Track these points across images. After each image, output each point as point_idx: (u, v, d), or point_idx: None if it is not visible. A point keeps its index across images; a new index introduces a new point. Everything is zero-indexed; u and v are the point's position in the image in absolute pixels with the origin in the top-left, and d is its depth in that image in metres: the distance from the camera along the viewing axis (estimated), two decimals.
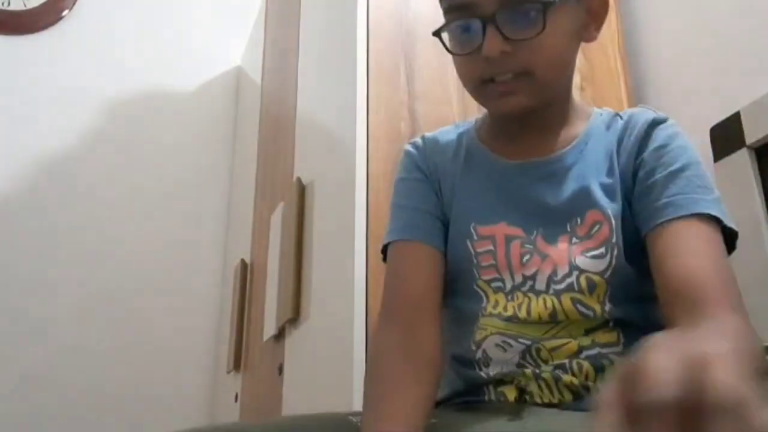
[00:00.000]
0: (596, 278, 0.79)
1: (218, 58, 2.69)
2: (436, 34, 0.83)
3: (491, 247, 0.83)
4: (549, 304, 0.79)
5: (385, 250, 0.90)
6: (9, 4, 2.51)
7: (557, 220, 0.82)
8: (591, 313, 0.78)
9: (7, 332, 2.24)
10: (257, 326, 1.87)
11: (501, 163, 0.87)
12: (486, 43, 0.77)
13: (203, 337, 2.42)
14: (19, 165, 2.39)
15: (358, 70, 1.39)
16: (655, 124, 0.84)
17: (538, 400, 0.77)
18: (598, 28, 0.85)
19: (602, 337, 0.78)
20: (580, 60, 1.56)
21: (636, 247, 0.79)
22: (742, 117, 1.27)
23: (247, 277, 2.11)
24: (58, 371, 2.23)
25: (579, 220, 0.81)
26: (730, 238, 0.78)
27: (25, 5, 2.52)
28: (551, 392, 0.77)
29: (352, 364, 1.20)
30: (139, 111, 2.56)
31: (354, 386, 1.16)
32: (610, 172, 0.82)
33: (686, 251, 0.73)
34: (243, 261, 2.16)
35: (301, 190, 1.63)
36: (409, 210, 0.89)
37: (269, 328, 1.71)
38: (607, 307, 0.78)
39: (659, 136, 0.82)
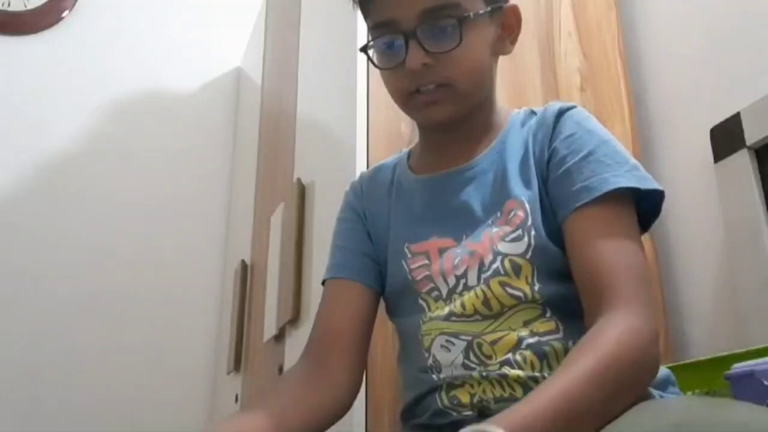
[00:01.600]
0: (519, 260, 0.82)
1: (218, 59, 2.69)
2: (363, 50, 0.88)
3: (426, 261, 0.88)
4: (480, 293, 0.82)
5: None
6: (9, 4, 2.51)
7: (479, 220, 0.86)
8: (521, 294, 0.81)
9: (7, 332, 2.24)
10: (257, 327, 1.87)
11: (422, 180, 0.92)
12: (409, 57, 0.82)
13: (203, 338, 2.42)
14: (20, 165, 2.39)
15: (358, 70, 1.39)
16: (561, 112, 0.87)
17: (490, 396, 0.80)
18: (513, 41, 0.91)
19: (540, 326, 0.80)
20: (580, 61, 1.57)
21: (559, 231, 0.83)
22: (742, 118, 1.28)
23: (247, 278, 2.11)
24: (58, 372, 2.23)
25: (499, 214, 0.85)
26: (657, 201, 0.83)
27: (25, 5, 2.52)
28: (502, 388, 0.79)
29: None
30: (139, 112, 2.56)
31: None
32: (524, 164, 0.86)
33: (593, 240, 0.78)
34: (243, 262, 2.16)
35: (302, 191, 1.63)
36: (341, 249, 0.97)
37: (269, 329, 1.71)
38: (536, 287, 0.81)
39: (566, 123, 0.86)
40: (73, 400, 2.22)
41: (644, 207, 0.82)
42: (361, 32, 1.43)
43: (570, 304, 0.80)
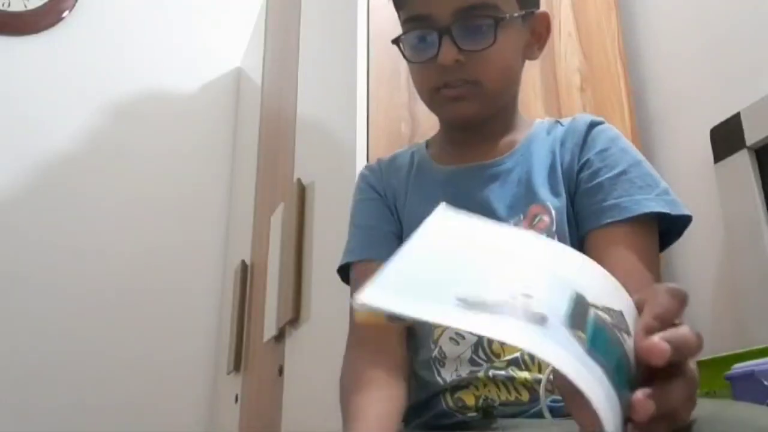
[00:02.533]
0: None
1: (218, 59, 2.69)
2: (395, 42, 0.88)
3: None
4: None
5: (342, 270, 0.95)
6: (9, 4, 2.51)
7: (502, 219, 0.85)
8: None
9: (7, 333, 2.24)
10: (257, 327, 1.87)
11: (446, 170, 0.92)
12: (441, 52, 0.83)
13: (203, 338, 2.42)
14: (20, 165, 2.39)
15: (359, 71, 1.39)
16: (593, 125, 0.89)
17: (496, 398, 0.79)
18: (541, 48, 0.92)
19: None
20: (580, 61, 1.57)
21: (580, 242, 0.83)
22: (743, 118, 1.28)
23: (247, 278, 2.11)
24: (58, 372, 2.23)
25: (522, 216, 0.85)
26: (682, 223, 0.83)
27: (25, 6, 2.52)
28: (508, 392, 0.79)
29: None
30: (139, 112, 2.56)
31: None
32: (552, 172, 0.87)
33: (618, 255, 0.78)
34: (243, 262, 2.16)
35: (302, 191, 1.63)
36: (367, 230, 0.94)
37: (269, 329, 1.71)
38: None
39: (600, 137, 0.87)
40: (73, 401, 2.22)
41: (667, 226, 0.83)
42: (362, 33, 1.43)
43: None
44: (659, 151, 1.57)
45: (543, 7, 1.62)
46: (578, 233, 0.83)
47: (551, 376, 0.71)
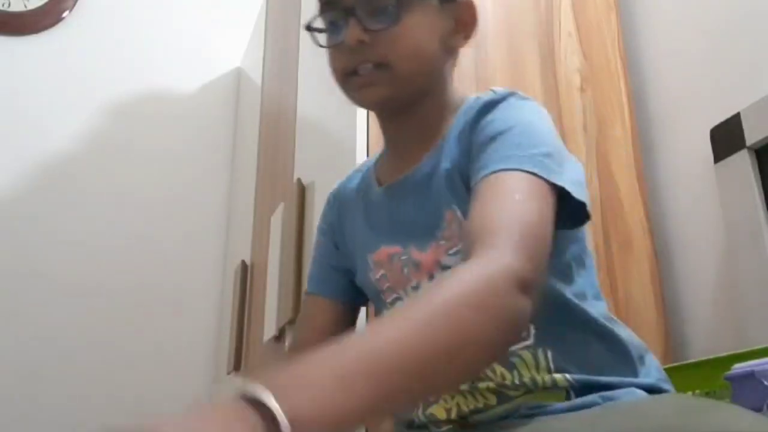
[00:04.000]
0: None
1: (218, 59, 2.69)
2: (307, 28, 0.89)
3: (384, 271, 0.87)
4: None
5: None
6: (9, 4, 2.51)
7: (426, 231, 0.83)
8: None
9: (6, 333, 2.24)
10: (257, 327, 1.87)
11: (382, 190, 0.91)
12: (346, 33, 0.82)
13: (203, 338, 2.42)
14: (20, 165, 2.39)
15: None
16: (491, 103, 0.82)
17: (465, 408, 0.78)
18: (467, 36, 0.88)
19: None
20: (580, 61, 1.57)
21: None
22: (743, 118, 1.28)
23: (247, 278, 2.11)
24: (58, 372, 2.23)
25: (444, 224, 0.82)
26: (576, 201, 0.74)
27: (25, 6, 2.52)
28: (475, 399, 0.78)
29: None
30: (138, 112, 2.56)
31: None
32: (455, 167, 0.81)
33: (481, 202, 0.70)
34: (243, 262, 2.16)
35: (302, 191, 1.63)
36: (317, 263, 0.99)
37: (269, 329, 1.71)
38: None
39: (489, 115, 0.81)
40: (73, 400, 2.22)
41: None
42: None
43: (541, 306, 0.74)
44: (659, 152, 1.57)
45: (543, 8, 1.63)
46: None
47: None
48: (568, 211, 0.74)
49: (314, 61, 1.75)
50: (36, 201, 2.37)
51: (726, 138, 1.31)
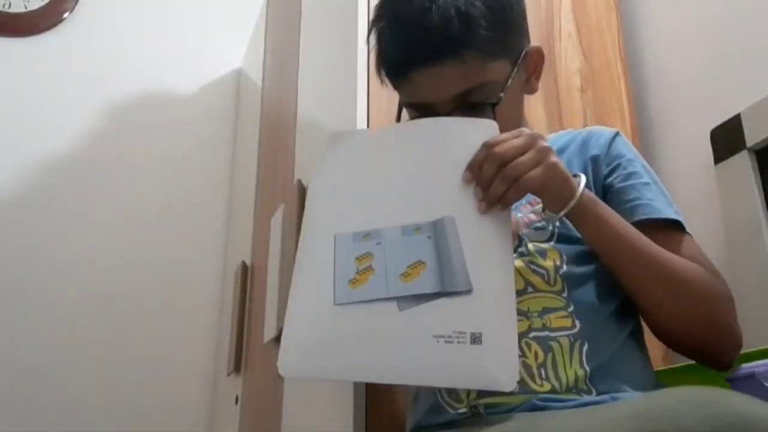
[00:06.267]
0: (544, 245, 0.88)
1: (219, 60, 2.69)
2: (401, 107, 0.93)
3: None
4: None
5: None
6: (10, 5, 2.51)
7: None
8: (544, 272, 0.85)
9: (6, 333, 2.24)
10: (258, 328, 1.87)
11: None
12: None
13: (203, 339, 2.42)
14: (19, 166, 2.39)
15: (359, 72, 1.39)
16: (615, 136, 0.99)
17: (482, 401, 0.80)
18: (538, 77, 0.96)
19: (556, 321, 0.82)
20: (580, 62, 1.57)
21: None
22: (743, 119, 1.28)
23: (247, 279, 2.11)
24: (57, 373, 2.23)
25: (523, 201, 0.90)
26: None
27: (25, 7, 2.52)
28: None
29: None
30: (139, 113, 2.56)
31: (354, 387, 1.16)
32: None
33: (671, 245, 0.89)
34: (243, 263, 2.16)
35: (302, 192, 1.63)
36: None
37: (270, 330, 1.71)
38: (562, 269, 0.86)
39: (625, 147, 0.98)
40: (73, 402, 2.22)
41: None
42: (362, 34, 1.43)
43: (594, 303, 0.83)
44: (659, 152, 1.57)
45: (543, 8, 1.63)
46: None
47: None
48: None
49: (314, 61, 1.75)
50: (36, 201, 2.37)
51: (726, 139, 1.31)
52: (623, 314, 0.87)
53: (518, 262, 0.84)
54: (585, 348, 0.80)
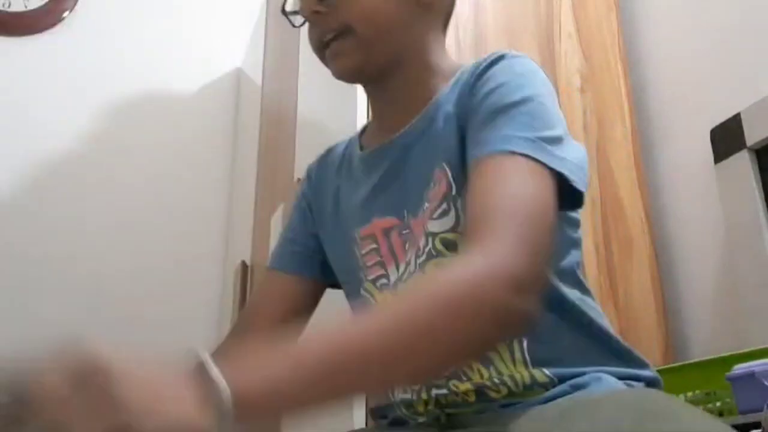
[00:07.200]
0: (450, 236, 0.73)
1: (219, 59, 2.69)
2: (282, 11, 0.88)
3: (374, 245, 0.82)
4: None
5: None
6: (10, 5, 2.51)
7: (417, 194, 0.78)
8: None
9: (6, 334, 2.23)
10: None
11: (366, 156, 0.86)
12: (301, 5, 0.81)
13: (203, 339, 2.42)
14: (19, 166, 2.39)
15: None
16: (499, 58, 0.77)
17: (443, 402, 0.75)
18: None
19: None
20: (580, 62, 1.57)
21: None
22: (743, 119, 1.28)
23: (247, 279, 2.11)
24: None
25: (432, 185, 0.76)
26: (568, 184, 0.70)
27: (25, 6, 2.52)
28: (456, 396, 0.75)
29: None
30: (139, 113, 2.56)
31: None
32: (449, 124, 0.77)
33: (482, 185, 0.67)
34: (243, 263, 2.16)
35: None
36: (284, 240, 0.94)
37: None
38: None
39: (500, 70, 0.76)
40: None
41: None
42: None
43: None
44: (659, 152, 1.58)
45: (543, 8, 1.63)
46: None
47: None
48: (565, 194, 0.69)
49: (314, 61, 1.75)
50: (36, 201, 2.37)
51: (726, 138, 1.31)
52: (559, 281, 0.75)
53: (430, 269, 0.73)
54: (525, 344, 0.72)
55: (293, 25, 0.88)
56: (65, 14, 2.56)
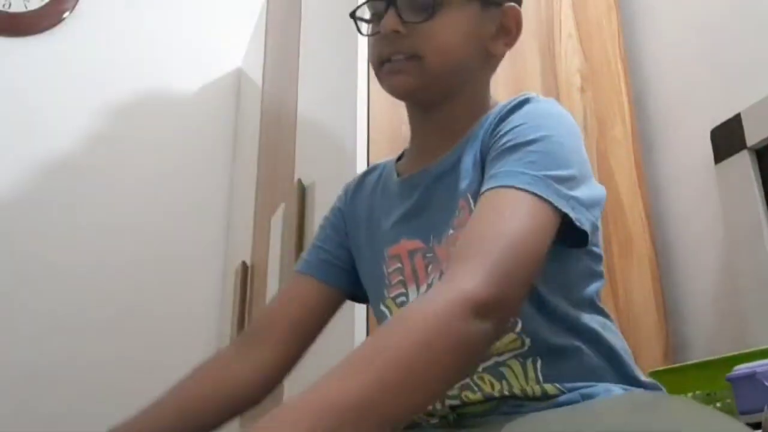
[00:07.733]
0: None
1: (219, 59, 2.69)
2: (352, 15, 0.90)
3: (399, 265, 0.86)
4: None
5: None
6: (10, 5, 2.51)
7: (444, 222, 0.82)
8: None
9: (6, 334, 2.24)
10: None
11: (402, 181, 0.90)
12: (383, 22, 0.83)
13: (203, 339, 2.42)
14: (20, 166, 2.39)
15: (359, 71, 1.39)
16: (521, 103, 0.83)
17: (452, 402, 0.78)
18: (508, 44, 0.89)
19: (503, 345, 0.76)
20: (580, 62, 1.57)
21: None
22: (743, 119, 1.28)
23: (247, 279, 2.11)
24: (57, 373, 2.23)
25: (457, 213, 0.81)
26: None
27: (26, 7, 2.52)
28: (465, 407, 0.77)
29: None
30: (139, 113, 2.56)
31: None
32: (475, 158, 0.82)
33: (477, 217, 0.70)
34: (244, 263, 2.16)
35: (302, 192, 1.63)
36: (311, 247, 0.98)
37: None
38: None
39: (520, 113, 0.81)
40: (74, 403, 2.22)
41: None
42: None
43: (540, 311, 0.76)
44: (660, 152, 1.57)
45: (543, 8, 1.63)
46: None
47: None
48: (571, 231, 0.73)
49: (314, 61, 1.75)
50: (36, 201, 2.37)
51: (726, 138, 1.31)
52: (577, 309, 0.79)
53: None
54: (539, 364, 0.75)
55: (360, 32, 0.90)
56: (65, 15, 2.56)
